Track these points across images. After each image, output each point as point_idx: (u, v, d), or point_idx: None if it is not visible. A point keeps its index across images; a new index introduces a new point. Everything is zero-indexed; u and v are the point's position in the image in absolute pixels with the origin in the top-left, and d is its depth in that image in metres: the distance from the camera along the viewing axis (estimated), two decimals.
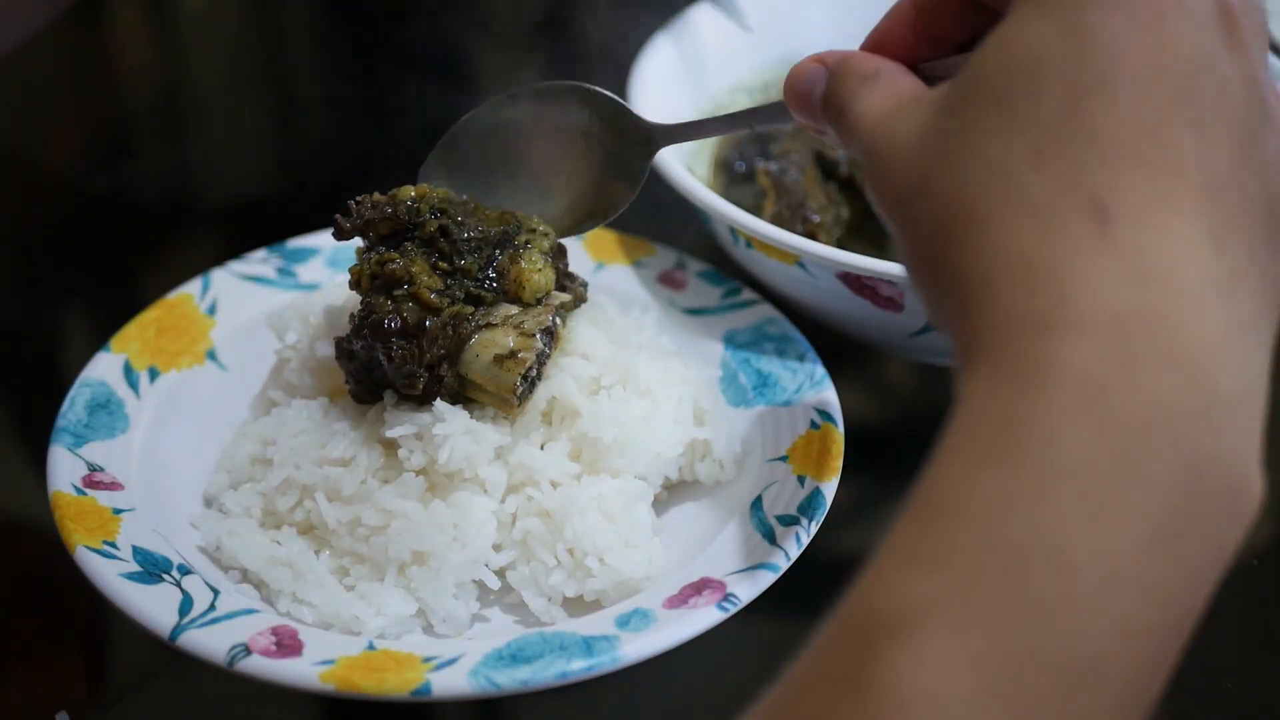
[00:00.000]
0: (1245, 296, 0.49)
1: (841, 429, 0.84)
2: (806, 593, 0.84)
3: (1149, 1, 0.50)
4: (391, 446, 0.80)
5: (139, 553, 0.76)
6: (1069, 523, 0.45)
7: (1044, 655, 0.44)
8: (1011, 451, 0.46)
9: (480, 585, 0.79)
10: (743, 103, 1.11)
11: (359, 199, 0.83)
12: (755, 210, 0.95)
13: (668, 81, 1.05)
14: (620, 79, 1.03)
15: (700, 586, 0.76)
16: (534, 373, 0.80)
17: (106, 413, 0.85)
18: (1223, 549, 0.47)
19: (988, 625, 0.44)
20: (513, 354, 0.79)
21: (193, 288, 0.94)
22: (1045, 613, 0.44)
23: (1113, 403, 0.46)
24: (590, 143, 0.83)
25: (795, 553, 0.77)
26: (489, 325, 0.80)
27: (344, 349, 0.81)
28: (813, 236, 0.94)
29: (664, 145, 0.82)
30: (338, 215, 0.83)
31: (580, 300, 0.86)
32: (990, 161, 0.51)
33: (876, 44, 0.66)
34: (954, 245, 0.52)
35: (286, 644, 0.72)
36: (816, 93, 0.65)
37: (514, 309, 0.81)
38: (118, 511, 0.79)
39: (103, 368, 0.88)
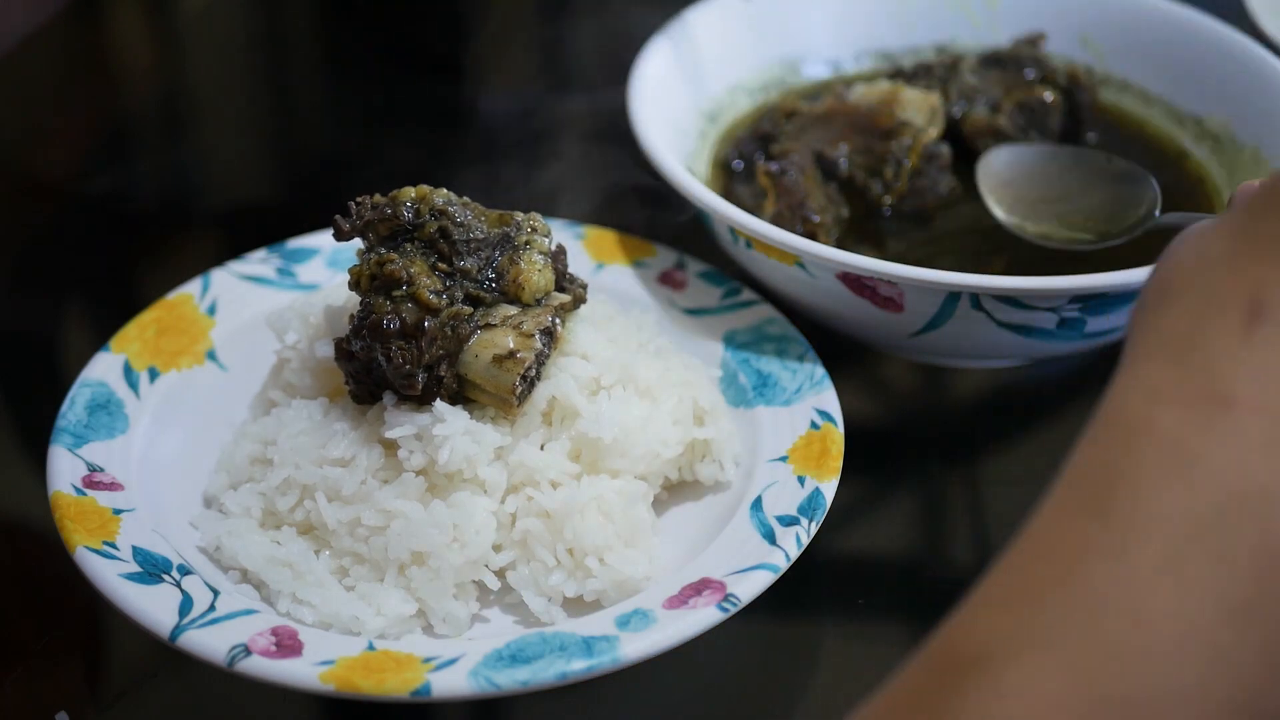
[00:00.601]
0: None
1: (841, 429, 0.84)
2: (806, 593, 0.84)
3: None
4: (391, 447, 0.80)
5: (139, 553, 0.76)
6: (1149, 576, 0.47)
7: (1117, 703, 0.46)
8: (1104, 504, 0.49)
9: (480, 585, 0.79)
10: (743, 103, 1.11)
11: (359, 200, 0.83)
12: (755, 210, 0.95)
13: (668, 82, 1.05)
14: (620, 79, 1.03)
15: (700, 586, 0.76)
16: (533, 373, 0.80)
17: (106, 413, 0.85)
18: None
19: (1066, 667, 0.46)
20: (512, 354, 0.79)
21: (193, 288, 0.94)
22: (1122, 662, 0.46)
23: (1198, 471, 0.49)
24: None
25: (795, 553, 0.77)
26: (488, 326, 0.80)
27: (343, 350, 0.81)
28: (812, 237, 0.94)
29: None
30: (337, 216, 0.83)
31: (580, 301, 0.86)
32: (1205, 252, 0.55)
33: None
34: (1140, 315, 0.56)
35: (286, 644, 0.72)
36: None
37: (513, 310, 0.81)
38: (118, 512, 0.79)
39: (103, 368, 0.88)
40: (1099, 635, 0.46)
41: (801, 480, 0.81)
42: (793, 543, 0.77)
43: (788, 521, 0.79)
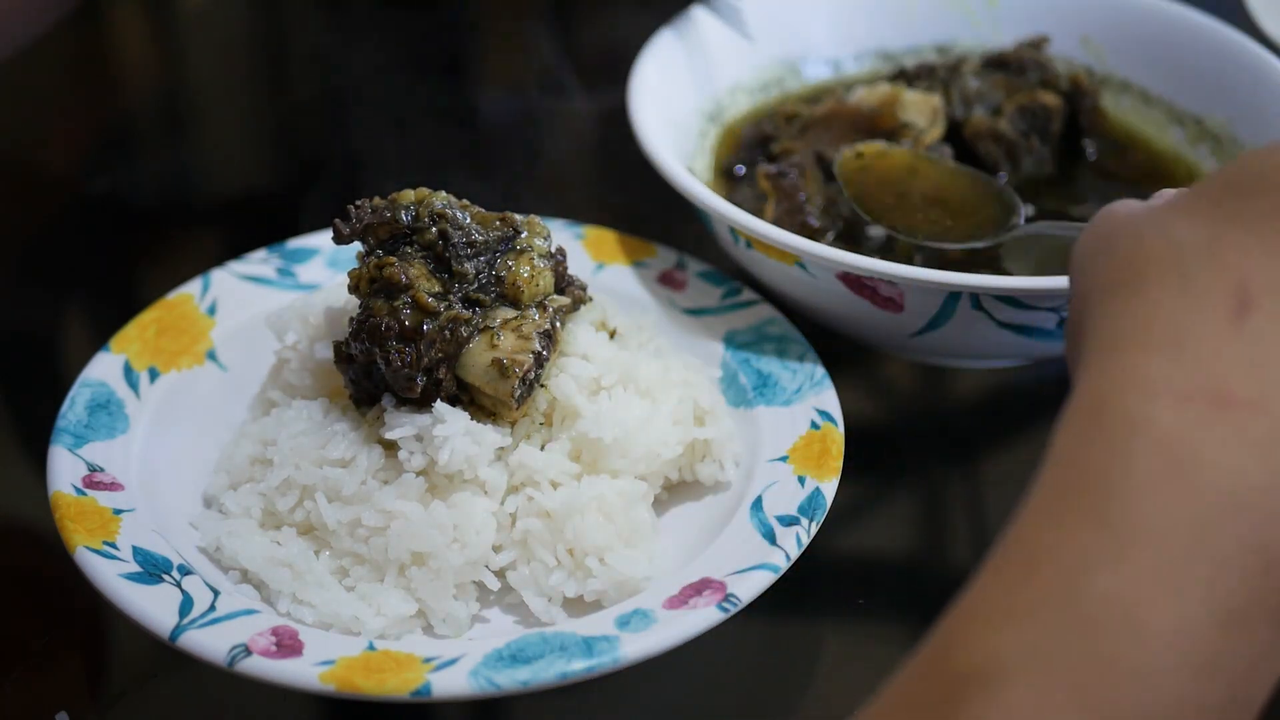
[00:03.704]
0: None
1: (841, 429, 0.84)
2: (806, 593, 0.84)
3: None
4: (391, 447, 0.80)
5: (139, 553, 0.76)
6: (1147, 587, 0.47)
7: (1119, 716, 0.45)
8: (1099, 510, 0.48)
9: (480, 586, 0.79)
10: (743, 103, 1.11)
11: (358, 203, 0.83)
12: (756, 214, 0.95)
13: (668, 82, 1.05)
14: (621, 79, 1.03)
15: (700, 586, 0.76)
16: (532, 375, 0.80)
17: (106, 413, 0.85)
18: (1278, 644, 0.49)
19: (1068, 683, 0.46)
20: (511, 357, 0.79)
21: (193, 288, 0.94)
22: (1122, 675, 0.46)
23: (1196, 473, 0.48)
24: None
25: (795, 553, 0.77)
26: (487, 329, 0.80)
27: (342, 353, 0.81)
28: (813, 240, 0.94)
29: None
30: (336, 220, 0.83)
31: (579, 303, 0.86)
32: (1172, 235, 0.54)
33: None
34: (1107, 303, 0.54)
35: (286, 644, 0.72)
36: None
37: (512, 312, 0.81)
38: (118, 512, 0.79)
39: (103, 368, 0.88)
40: (1099, 652, 0.46)
41: (801, 480, 0.81)
42: (793, 543, 0.77)
43: (788, 521, 0.79)
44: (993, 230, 0.93)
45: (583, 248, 0.97)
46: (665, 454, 0.83)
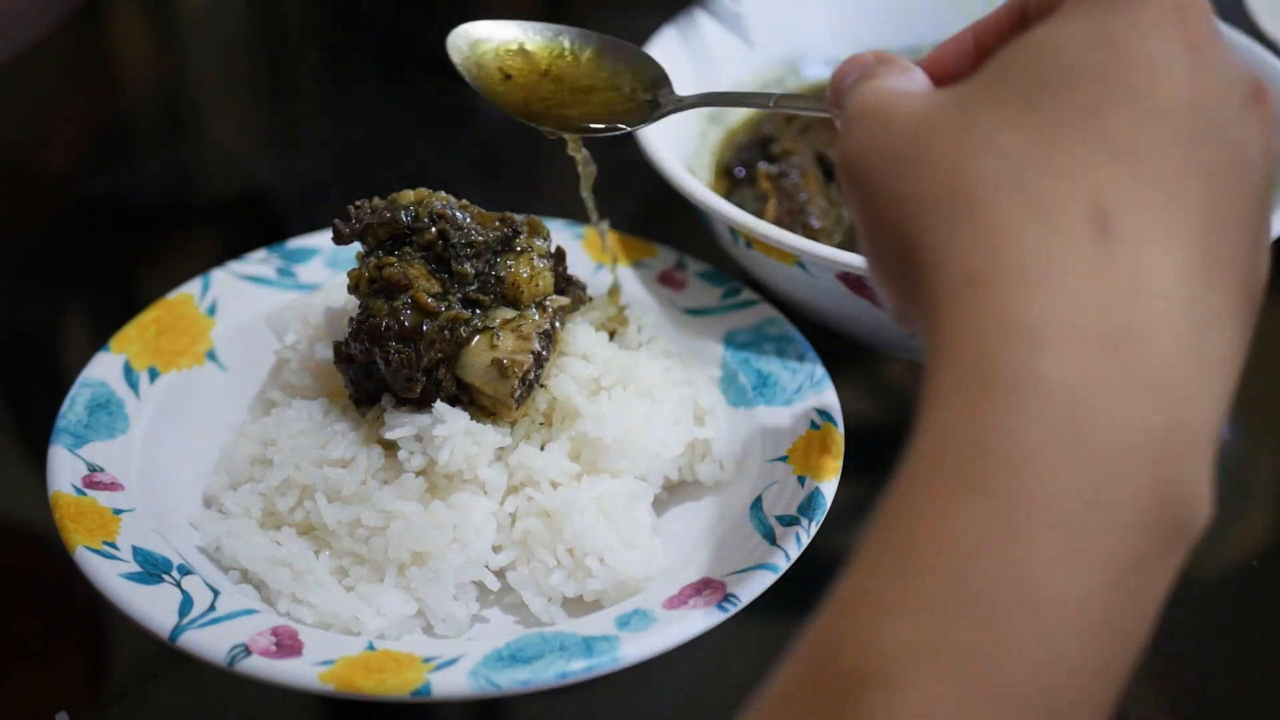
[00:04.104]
0: (1221, 339, 0.48)
1: (841, 429, 0.84)
2: (806, 593, 0.84)
3: (1191, 40, 0.49)
4: (391, 447, 0.80)
5: (139, 553, 0.76)
6: (1043, 562, 0.44)
7: (1023, 702, 0.43)
8: (988, 482, 0.44)
9: (480, 586, 0.79)
10: None
11: (358, 204, 0.83)
12: (756, 214, 0.95)
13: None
14: None
15: (700, 587, 0.76)
16: (532, 375, 0.80)
17: (106, 413, 0.85)
18: (1168, 580, 0.47)
19: (966, 674, 0.43)
20: (510, 357, 0.79)
21: (193, 288, 0.94)
22: (1022, 659, 0.43)
23: (1091, 427, 0.44)
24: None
25: (795, 553, 0.77)
26: (486, 329, 0.80)
27: (342, 353, 0.81)
28: (813, 240, 0.94)
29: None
30: (336, 220, 0.83)
31: (580, 303, 0.86)
32: (998, 146, 0.48)
33: (930, 69, 0.63)
34: (939, 228, 0.48)
35: (286, 644, 0.72)
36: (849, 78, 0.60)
37: (511, 313, 0.81)
38: (118, 512, 0.79)
39: (103, 368, 0.88)
40: (997, 636, 0.43)
41: (801, 480, 0.81)
42: (793, 543, 0.77)
43: (788, 521, 0.79)
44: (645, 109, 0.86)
45: (583, 248, 0.97)
46: (665, 454, 0.83)
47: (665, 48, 1.06)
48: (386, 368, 0.79)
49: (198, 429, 0.88)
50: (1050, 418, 0.44)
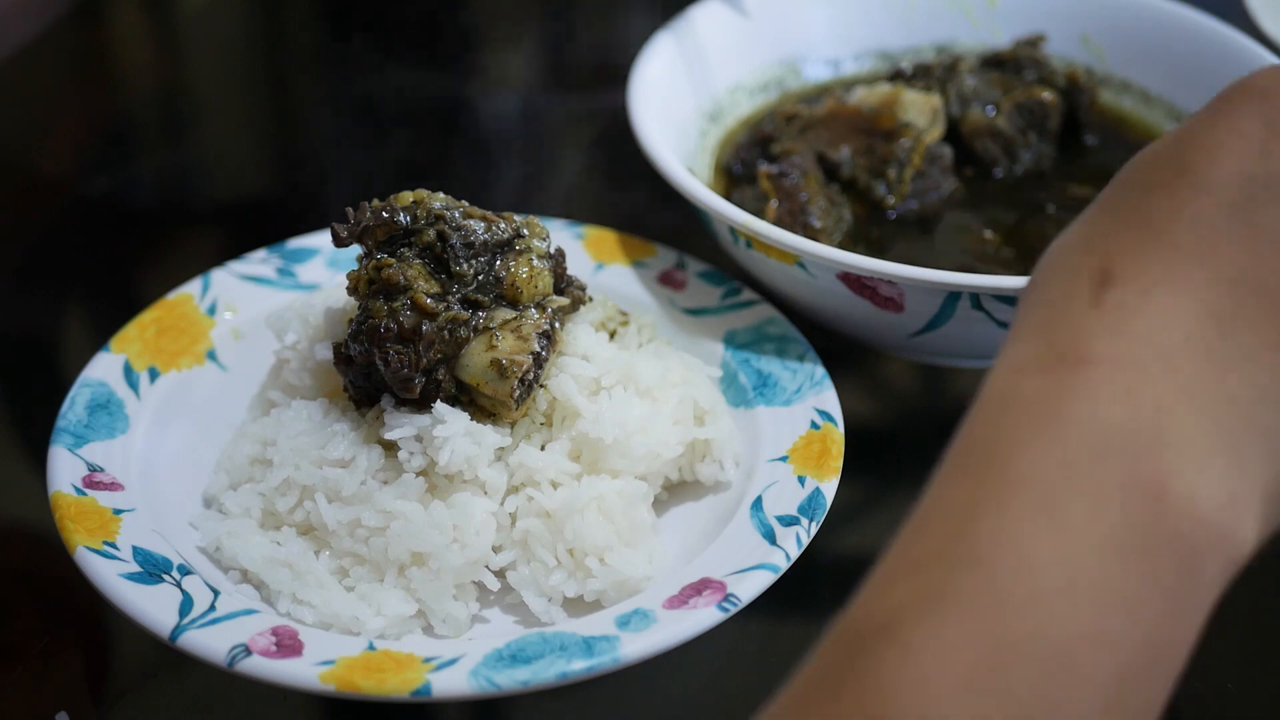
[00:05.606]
0: (1250, 374, 0.52)
1: (841, 429, 0.84)
2: (806, 593, 0.84)
3: (1270, 118, 0.55)
4: (391, 447, 0.80)
5: (139, 553, 0.76)
6: (1028, 524, 0.49)
7: (1018, 646, 0.47)
8: (978, 471, 0.51)
9: (480, 586, 0.79)
10: (742, 103, 1.11)
11: (356, 205, 0.83)
12: (756, 214, 0.95)
13: (668, 82, 1.05)
14: (620, 79, 1.03)
15: (700, 586, 0.76)
16: (531, 376, 0.80)
17: (106, 413, 0.85)
18: (1201, 578, 0.50)
19: (964, 618, 0.47)
20: (509, 358, 0.79)
21: (193, 288, 0.94)
22: (1015, 606, 0.47)
23: (1060, 424, 0.50)
24: None
25: (795, 553, 0.77)
26: (486, 330, 0.80)
27: (341, 355, 0.81)
28: (814, 240, 0.94)
29: None
30: (335, 224, 0.83)
31: (579, 304, 0.86)
32: (1064, 242, 0.57)
33: None
34: (1017, 311, 0.58)
35: (286, 644, 0.72)
36: None
37: (511, 313, 0.81)
38: (118, 512, 0.79)
39: (103, 368, 0.88)
40: (991, 584, 0.47)
41: (801, 480, 0.81)
42: (793, 543, 0.77)
43: (788, 521, 0.79)
44: None
45: (583, 247, 0.97)
46: (665, 454, 0.83)
47: (664, 48, 1.06)
48: (386, 369, 0.79)
49: (198, 429, 0.88)
50: (1023, 421, 0.51)
